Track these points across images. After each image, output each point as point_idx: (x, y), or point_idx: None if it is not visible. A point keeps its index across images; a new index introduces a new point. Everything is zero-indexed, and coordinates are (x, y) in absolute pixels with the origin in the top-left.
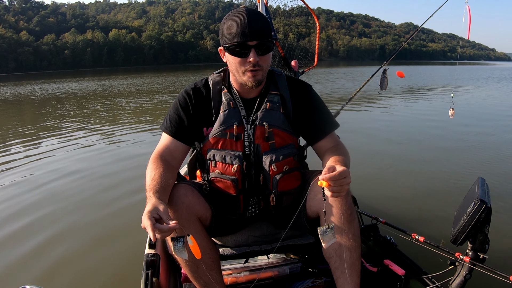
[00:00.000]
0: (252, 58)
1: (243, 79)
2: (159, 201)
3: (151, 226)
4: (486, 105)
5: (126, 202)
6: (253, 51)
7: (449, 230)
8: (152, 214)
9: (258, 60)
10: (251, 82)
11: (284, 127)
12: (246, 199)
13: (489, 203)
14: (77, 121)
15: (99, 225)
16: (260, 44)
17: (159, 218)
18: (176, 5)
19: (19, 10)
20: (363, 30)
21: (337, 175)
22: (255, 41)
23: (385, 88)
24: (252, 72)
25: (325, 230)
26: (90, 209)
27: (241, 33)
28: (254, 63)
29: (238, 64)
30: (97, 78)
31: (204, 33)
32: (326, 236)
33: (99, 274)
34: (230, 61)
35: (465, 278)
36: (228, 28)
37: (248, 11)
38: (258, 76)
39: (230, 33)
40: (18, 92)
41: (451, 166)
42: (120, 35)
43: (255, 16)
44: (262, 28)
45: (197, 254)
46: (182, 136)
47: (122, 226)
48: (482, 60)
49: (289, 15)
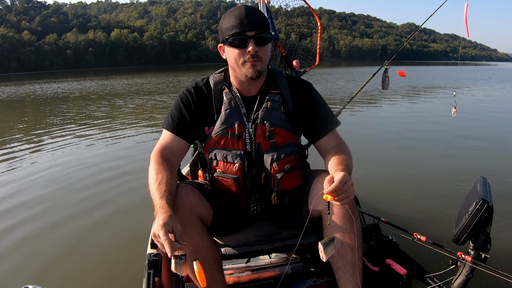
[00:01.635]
0: (251, 47)
1: (243, 70)
2: (174, 216)
3: (168, 242)
4: (488, 105)
5: (128, 201)
6: (252, 41)
7: (451, 229)
8: (168, 227)
9: (257, 50)
10: (251, 72)
11: (285, 126)
12: (248, 198)
13: (491, 202)
14: (73, 120)
15: (101, 225)
16: (258, 34)
17: (172, 233)
18: (178, 5)
19: (21, 10)
20: (365, 31)
21: (338, 184)
22: (254, 31)
23: (386, 88)
24: (252, 62)
25: (327, 243)
26: (92, 208)
27: (240, 24)
28: (253, 53)
29: (237, 55)
30: (98, 77)
31: (206, 33)
32: (328, 249)
33: (101, 273)
34: (230, 54)
35: (467, 278)
36: (226, 22)
37: (246, 6)
38: (257, 67)
39: (229, 26)
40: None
41: (453, 165)
42: (122, 35)
43: (252, 10)
44: (260, 20)
45: (203, 281)
46: (183, 133)
47: (124, 226)
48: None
49: (291, 15)
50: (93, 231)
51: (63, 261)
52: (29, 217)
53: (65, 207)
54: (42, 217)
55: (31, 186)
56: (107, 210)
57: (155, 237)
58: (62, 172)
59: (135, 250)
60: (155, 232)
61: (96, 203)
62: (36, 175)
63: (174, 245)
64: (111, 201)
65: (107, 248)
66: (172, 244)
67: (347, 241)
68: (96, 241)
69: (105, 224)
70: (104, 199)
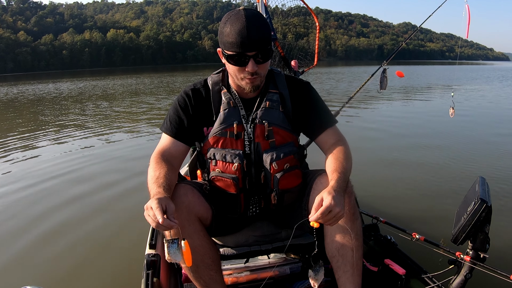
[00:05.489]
0: (250, 68)
1: (241, 83)
2: (168, 197)
3: (160, 211)
4: (486, 104)
5: (127, 202)
6: (252, 61)
7: (450, 229)
8: (161, 202)
9: (256, 69)
10: (249, 87)
11: (283, 125)
12: (247, 198)
13: (489, 202)
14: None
15: (99, 225)
16: (259, 54)
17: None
18: (174, 5)
19: (17, 10)
20: (361, 30)
21: (324, 211)
22: (254, 51)
23: (384, 88)
24: (250, 79)
25: (317, 270)
26: (90, 208)
27: (240, 43)
28: (252, 72)
29: (237, 71)
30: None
31: (202, 33)
32: (318, 276)
33: (99, 274)
34: (229, 66)
35: (466, 278)
36: (227, 35)
37: (247, 18)
38: (256, 82)
39: (229, 41)
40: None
41: (451, 165)
42: (118, 35)
43: (254, 22)
44: (262, 36)
45: (188, 260)
46: (182, 137)
47: (123, 226)
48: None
49: (287, 15)
50: (91, 232)
51: (62, 262)
52: (28, 217)
53: (64, 208)
54: (41, 217)
55: (29, 186)
56: (106, 211)
57: (146, 210)
58: (62, 173)
59: (134, 251)
60: (147, 205)
61: (95, 204)
62: (35, 175)
63: (165, 220)
64: (110, 202)
65: (105, 249)
66: (163, 215)
67: (347, 241)
68: (95, 242)
69: (104, 224)
70: (103, 200)
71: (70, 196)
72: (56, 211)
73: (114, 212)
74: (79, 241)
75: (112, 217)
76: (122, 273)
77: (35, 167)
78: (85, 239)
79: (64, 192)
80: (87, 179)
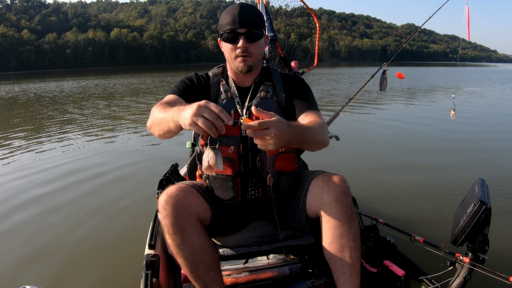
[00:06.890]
0: (241, 43)
1: (235, 64)
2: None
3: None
4: (486, 106)
5: (126, 202)
6: (242, 38)
7: (449, 231)
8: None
9: (247, 46)
10: (241, 66)
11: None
12: (244, 182)
13: (489, 204)
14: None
15: (98, 226)
16: (249, 32)
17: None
18: (178, 5)
19: (21, 9)
20: (364, 31)
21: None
22: (244, 29)
23: (384, 89)
24: (243, 57)
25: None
26: (90, 209)
27: (232, 21)
28: (243, 49)
29: (230, 50)
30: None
31: (205, 33)
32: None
33: (99, 274)
34: (224, 48)
35: (465, 279)
36: (222, 18)
37: (241, 4)
38: (248, 62)
39: (224, 22)
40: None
41: (451, 167)
42: (121, 34)
43: (247, 8)
44: (252, 18)
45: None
46: (187, 96)
47: (122, 227)
48: (484, 61)
49: (291, 15)
50: (91, 232)
51: (61, 262)
52: (27, 217)
53: (64, 208)
54: (40, 218)
55: (28, 187)
56: (105, 211)
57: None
58: (62, 173)
59: (133, 251)
60: (200, 104)
61: (94, 204)
62: (35, 174)
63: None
64: (109, 202)
65: (104, 249)
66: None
67: (345, 242)
68: (94, 242)
69: (103, 224)
70: (102, 200)
71: (69, 196)
72: (56, 211)
73: (114, 212)
74: (79, 241)
75: (112, 217)
76: (121, 273)
77: (35, 167)
78: (85, 239)
79: (64, 192)
80: (87, 179)
